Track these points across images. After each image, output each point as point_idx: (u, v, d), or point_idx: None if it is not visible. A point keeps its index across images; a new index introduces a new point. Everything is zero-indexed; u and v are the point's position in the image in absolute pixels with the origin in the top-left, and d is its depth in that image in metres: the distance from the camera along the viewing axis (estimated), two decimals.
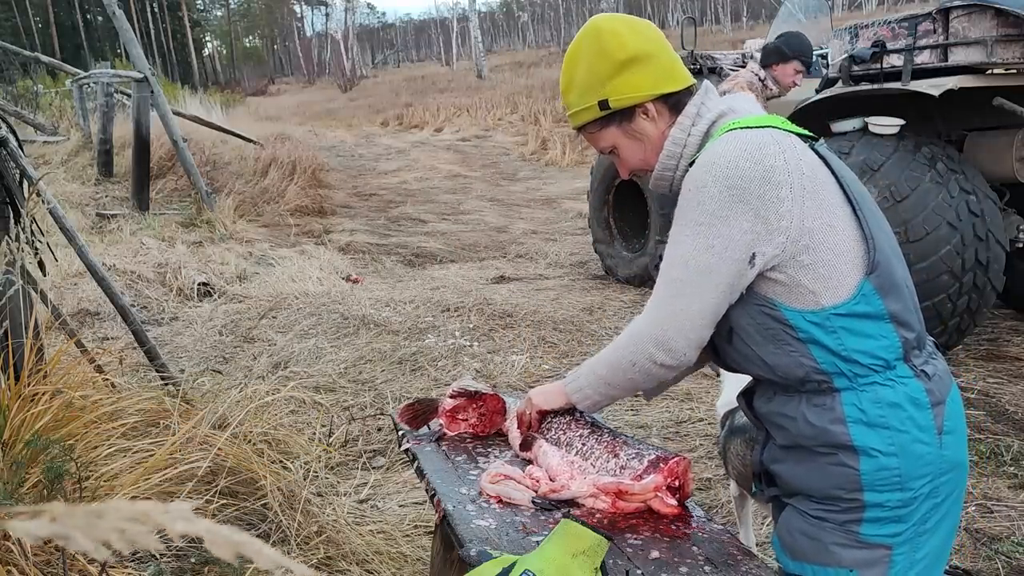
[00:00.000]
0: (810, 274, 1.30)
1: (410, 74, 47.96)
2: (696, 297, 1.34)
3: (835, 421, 1.33)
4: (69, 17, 49.45)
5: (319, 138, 17.15)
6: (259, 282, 6.32)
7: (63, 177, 9.91)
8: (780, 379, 1.38)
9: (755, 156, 1.30)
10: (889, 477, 1.31)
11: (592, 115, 1.47)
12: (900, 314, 1.33)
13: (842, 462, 1.33)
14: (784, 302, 1.33)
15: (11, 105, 12.28)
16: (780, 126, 1.38)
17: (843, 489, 1.33)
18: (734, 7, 56.77)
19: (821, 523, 1.37)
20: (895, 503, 1.32)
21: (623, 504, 1.47)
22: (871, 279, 1.31)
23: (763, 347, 1.36)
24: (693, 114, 1.44)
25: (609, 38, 1.43)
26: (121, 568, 2.09)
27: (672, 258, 1.37)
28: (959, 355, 4.29)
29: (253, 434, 2.85)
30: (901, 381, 1.33)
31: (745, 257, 1.30)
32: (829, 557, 1.35)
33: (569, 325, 5.06)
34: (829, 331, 1.31)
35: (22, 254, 2.60)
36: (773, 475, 1.46)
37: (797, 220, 1.30)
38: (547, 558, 1.22)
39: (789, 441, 1.40)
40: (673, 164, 1.45)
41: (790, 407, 1.38)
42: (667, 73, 1.44)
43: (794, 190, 1.30)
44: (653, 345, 1.38)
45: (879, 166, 3.93)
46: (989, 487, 2.94)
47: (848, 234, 1.32)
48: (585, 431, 1.61)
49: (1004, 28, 3.59)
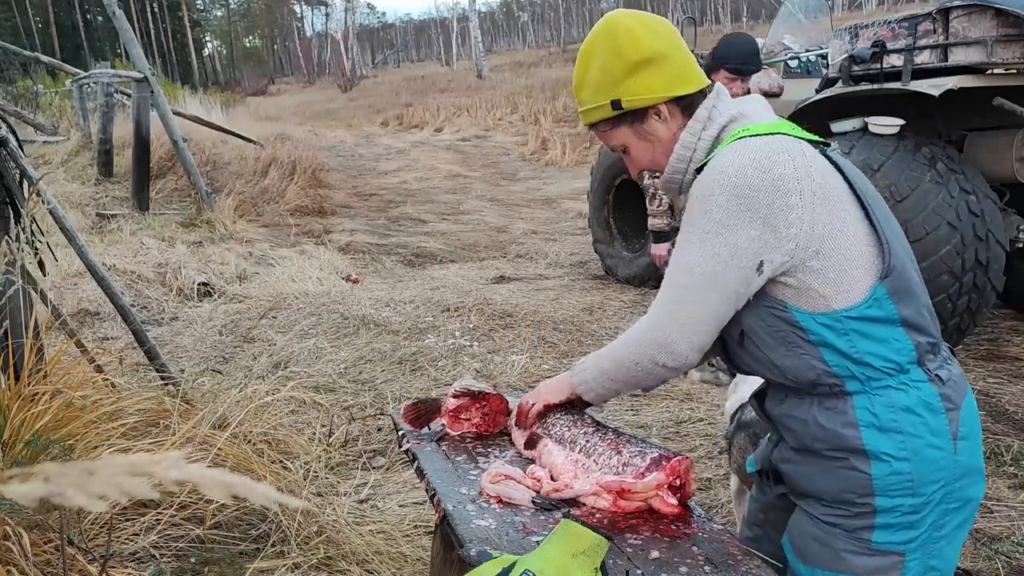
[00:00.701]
0: (820, 278, 1.30)
1: (410, 74, 47.97)
2: (700, 304, 1.34)
3: (847, 425, 1.32)
4: (69, 17, 49.45)
5: (319, 138, 17.15)
6: (259, 282, 6.32)
7: (63, 177, 9.91)
8: (791, 382, 1.38)
9: (763, 165, 1.30)
10: (901, 482, 1.30)
11: (604, 114, 1.47)
12: (913, 319, 1.33)
13: (853, 466, 1.32)
14: (794, 304, 1.32)
15: (11, 105, 12.28)
16: (790, 132, 1.37)
17: (854, 493, 1.33)
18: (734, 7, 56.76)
19: (832, 529, 1.36)
20: (907, 508, 1.31)
21: (624, 503, 1.47)
22: (885, 283, 1.31)
23: (774, 350, 1.36)
24: (704, 118, 1.43)
25: (624, 37, 1.42)
26: (121, 568, 2.09)
27: (678, 264, 1.37)
28: (959, 355, 4.29)
29: (253, 434, 2.85)
30: (915, 385, 1.32)
31: (752, 265, 1.30)
32: (841, 564, 1.35)
33: (569, 325, 5.07)
34: (840, 333, 1.31)
35: (22, 254, 2.60)
36: (781, 474, 1.46)
37: (807, 227, 1.29)
38: (547, 558, 1.22)
39: (800, 444, 1.40)
40: (683, 167, 1.45)
41: (801, 410, 1.38)
42: (681, 75, 1.43)
43: (804, 197, 1.29)
44: (656, 348, 1.39)
45: (879, 166, 3.93)
46: (989, 487, 2.94)
47: (860, 239, 1.32)
48: (589, 429, 1.62)
49: (1004, 28, 3.59)
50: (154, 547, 2.29)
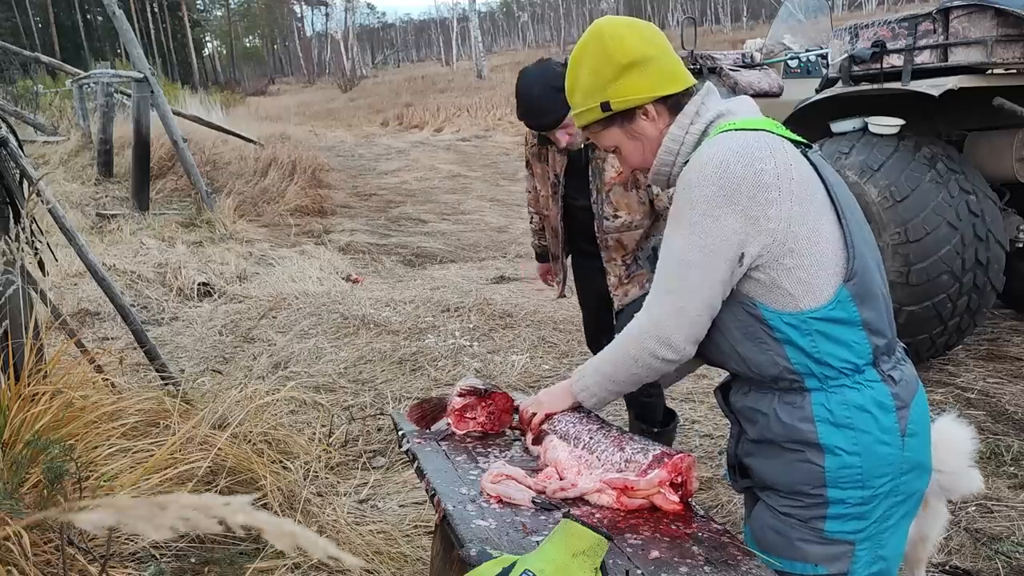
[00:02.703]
0: (791, 277, 1.35)
1: (410, 74, 47.96)
2: (692, 294, 1.39)
3: (804, 419, 1.39)
4: (69, 17, 49.44)
5: (319, 138, 17.16)
6: (259, 282, 6.31)
7: (63, 177, 9.91)
8: (755, 375, 1.44)
9: (745, 158, 1.34)
10: (852, 475, 1.37)
11: (595, 116, 1.52)
12: (873, 322, 1.39)
13: (808, 459, 1.39)
14: (764, 302, 1.38)
15: (11, 105, 12.28)
16: (774, 130, 1.42)
17: (808, 485, 1.40)
18: (734, 7, 56.76)
19: (788, 519, 1.43)
20: (856, 500, 1.38)
21: (627, 500, 1.49)
22: (848, 286, 1.36)
23: (742, 344, 1.42)
24: (692, 113, 1.48)
25: (611, 42, 1.48)
26: (121, 568, 2.09)
27: (668, 257, 1.42)
28: (959, 355, 4.29)
29: (253, 434, 2.85)
30: (868, 385, 1.39)
31: (735, 256, 1.35)
32: (796, 552, 1.42)
33: (569, 325, 5.06)
34: (805, 333, 1.36)
35: (22, 254, 2.60)
36: (746, 468, 1.53)
37: (784, 223, 1.34)
38: (547, 558, 1.22)
39: (760, 436, 1.46)
40: (671, 160, 1.50)
41: (763, 403, 1.44)
42: (667, 75, 1.49)
43: (783, 193, 1.34)
44: (653, 341, 1.44)
45: (879, 166, 3.92)
46: (989, 487, 2.94)
47: (831, 242, 1.36)
48: (594, 426, 1.65)
49: (1004, 28, 3.59)
50: (154, 547, 2.29)
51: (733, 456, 1.56)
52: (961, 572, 2.45)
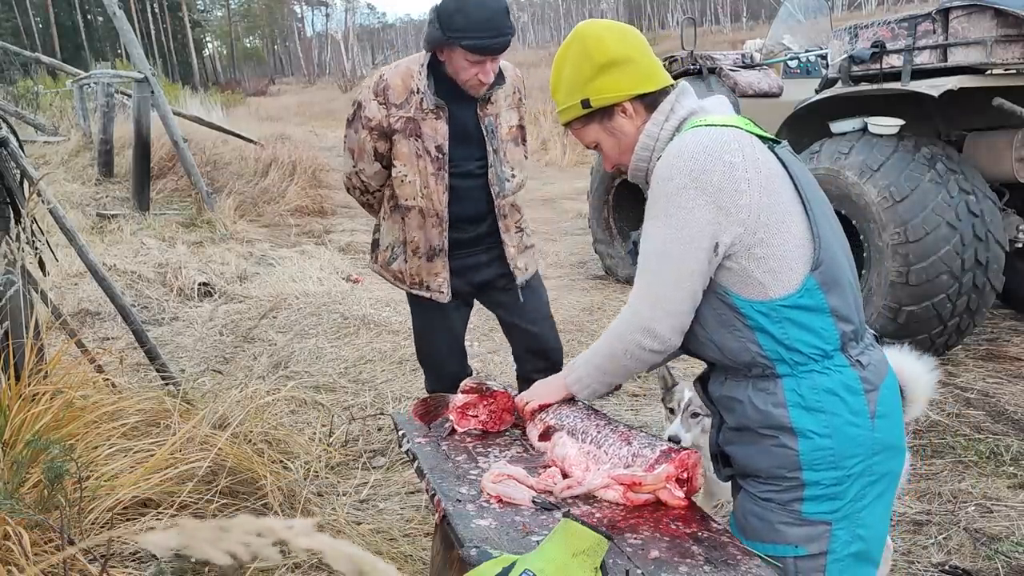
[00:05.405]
0: (762, 267, 1.41)
1: None
2: (672, 285, 1.45)
3: (777, 405, 1.44)
4: (69, 17, 49.45)
5: (319, 138, 17.15)
6: (259, 282, 6.31)
7: (63, 177, 9.91)
8: (730, 362, 1.49)
9: (715, 152, 1.41)
10: (824, 456, 1.42)
11: (576, 113, 1.61)
12: (840, 309, 1.44)
13: (783, 443, 1.44)
14: (735, 291, 1.44)
15: (11, 105, 12.28)
16: (743, 127, 1.49)
17: (784, 468, 1.45)
18: (734, 7, 56.78)
19: (768, 504, 1.48)
20: (830, 480, 1.43)
21: (633, 496, 1.51)
22: (814, 275, 1.42)
23: (716, 331, 1.48)
24: (667, 110, 1.56)
25: (592, 43, 1.56)
26: (122, 568, 2.09)
27: (647, 251, 1.49)
28: (959, 355, 4.29)
29: (253, 434, 2.85)
30: (837, 369, 1.44)
31: (710, 245, 1.41)
32: (777, 535, 1.47)
33: (569, 325, 5.06)
34: (775, 321, 1.42)
35: (22, 254, 2.60)
36: (728, 456, 1.58)
37: (754, 213, 1.40)
38: (547, 558, 1.22)
39: (738, 423, 1.51)
40: (647, 156, 1.58)
41: (739, 391, 1.49)
42: (645, 75, 1.57)
43: (752, 184, 1.40)
44: (640, 333, 1.50)
45: (879, 166, 3.93)
46: (989, 487, 2.94)
47: (799, 233, 1.42)
48: (601, 422, 1.68)
49: (1004, 28, 3.59)
50: None
51: (715, 445, 1.61)
52: (961, 572, 2.45)
